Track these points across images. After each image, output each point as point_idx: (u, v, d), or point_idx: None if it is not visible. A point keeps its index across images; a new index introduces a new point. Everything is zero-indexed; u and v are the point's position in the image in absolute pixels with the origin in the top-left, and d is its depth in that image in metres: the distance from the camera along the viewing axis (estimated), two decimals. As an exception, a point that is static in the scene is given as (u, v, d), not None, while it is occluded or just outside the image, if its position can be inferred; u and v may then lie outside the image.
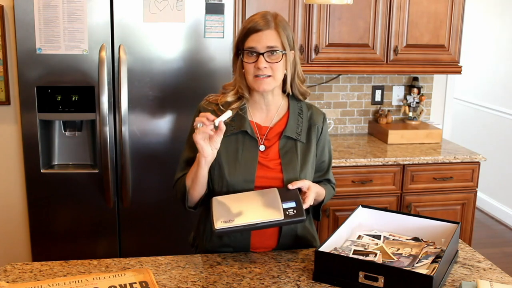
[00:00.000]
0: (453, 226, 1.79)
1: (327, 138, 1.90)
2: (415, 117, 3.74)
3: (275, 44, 1.70)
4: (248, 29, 1.71)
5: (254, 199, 1.69)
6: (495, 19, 4.89)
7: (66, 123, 2.78)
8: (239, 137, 1.79)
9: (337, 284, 1.57)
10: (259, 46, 1.69)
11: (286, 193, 1.68)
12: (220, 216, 1.63)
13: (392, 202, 3.23)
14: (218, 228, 1.59)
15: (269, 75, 1.71)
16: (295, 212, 1.61)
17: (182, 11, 2.64)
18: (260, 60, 1.69)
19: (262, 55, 1.69)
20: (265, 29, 1.69)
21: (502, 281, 1.63)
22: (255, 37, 1.69)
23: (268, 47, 1.69)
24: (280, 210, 1.61)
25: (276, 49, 1.70)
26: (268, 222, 1.61)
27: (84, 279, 1.54)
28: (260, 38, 1.69)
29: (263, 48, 1.69)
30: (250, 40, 1.70)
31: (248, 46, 1.70)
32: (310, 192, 1.70)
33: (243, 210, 1.64)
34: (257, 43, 1.69)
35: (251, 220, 1.61)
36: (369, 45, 3.33)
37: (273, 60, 1.70)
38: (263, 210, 1.63)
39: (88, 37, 2.59)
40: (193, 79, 2.72)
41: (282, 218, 1.60)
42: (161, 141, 2.75)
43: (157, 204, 2.79)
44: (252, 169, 1.76)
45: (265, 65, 1.69)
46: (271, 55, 1.70)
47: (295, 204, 1.63)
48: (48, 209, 2.75)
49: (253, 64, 1.70)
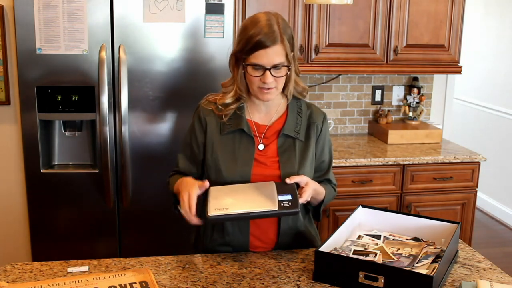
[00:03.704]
0: (453, 226, 1.79)
1: (327, 138, 1.90)
2: (415, 117, 3.74)
3: (281, 60, 1.69)
4: (255, 43, 1.67)
5: (251, 190, 1.70)
6: (495, 19, 4.89)
7: (66, 123, 2.78)
8: (236, 136, 1.79)
9: (337, 284, 1.57)
10: (266, 63, 1.68)
11: (283, 187, 1.67)
12: (215, 204, 1.62)
13: (392, 202, 3.23)
14: (211, 215, 1.59)
15: (273, 87, 1.73)
16: (290, 204, 1.60)
17: (182, 11, 2.64)
18: (267, 76, 1.69)
19: (269, 71, 1.69)
20: (272, 45, 1.67)
21: (502, 281, 1.63)
22: (262, 54, 1.67)
23: (274, 64, 1.69)
24: (275, 201, 1.61)
25: (282, 65, 1.70)
26: (261, 212, 1.60)
27: (84, 279, 1.54)
28: (267, 55, 1.67)
29: (269, 64, 1.68)
30: (257, 56, 1.67)
31: (255, 63, 1.69)
32: (308, 188, 1.70)
33: (239, 199, 1.65)
34: (264, 60, 1.67)
35: (245, 209, 1.60)
36: (369, 45, 3.33)
37: (278, 75, 1.71)
38: (258, 200, 1.63)
39: (88, 37, 2.59)
40: (193, 79, 2.72)
41: (276, 208, 1.59)
42: (161, 141, 2.75)
43: (157, 204, 2.79)
44: (248, 167, 1.76)
45: (271, 80, 1.70)
46: (276, 70, 1.70)
47: (290, 197, 1.63)
48: (48, 209, 2.75)
49: (259, 77, 1.70)
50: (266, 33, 1.66)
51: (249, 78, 1.73)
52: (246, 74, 1.73)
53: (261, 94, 1.73)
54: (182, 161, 1.89)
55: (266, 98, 1.75)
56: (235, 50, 1.75)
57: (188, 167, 1.87)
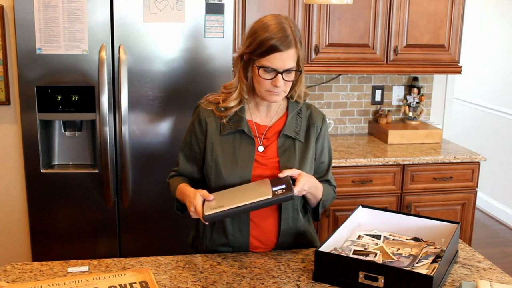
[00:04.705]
0: (453, 226, 1.79)
1: (326, 139, 1.90)
2: (415, 117, 3.74)
3: (294, 65, 1.71)
4: (270, 46, 1.66)
5: (246, 188, 1.72)
6: (495, 19, 4.89)
7: (66, 123, 2.78)
8: (236, 136, 1.79)
9: (337, 284, 1.57)
10: (279, 67, 1.68)
11: (277, 181, 1.68)
12: (210, 205, 1.64)
13: (392, 202, 3.23)
14: (207, 214, 1.61)
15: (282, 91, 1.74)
16: (283, 191, 1.61)
17: (182, 11, 2.64)
18: (279, 79, 1.69)
19: (281, 74, 1.69)
20: (286, 49, 1.67)
21: (502, 281, 1.63)
22: (277, 57, 1.67)
23: (287, 69, 1.69)
24: (269, 191, 1.62)
25: (294, 69, 1.71)
26: (256, 202, 1.60)
27: (84, 279, 1.54)
28: (281, 58, 1.67)
29: (282, 68, 1.69)
30: (271, 59, 1.67)
31: (268, 66, 1.68)
32: (301, 178, 1.69)
33: (233, 196, 1.66)
34: (278, 64, 1.68)
35: (239, 203, 1.61)
36: (369, 45, 3.33)
37: (289, 79, 1.72)
38: (252, 193, 1.64)
39: (88, 37, 2.59)
40: (193, 79, 2.72)
41: (270, 196, 1.60)
42: (161, 141, 2.76)
43: (157, 204, 2.79)
44: (248, 167, 1.76)
45: (282, 83, 1.70)
46: (287, 74, 1.71)
47: (284, 186, 1.64)
48: (48, 209, 2.75)
49: (270, 80, 1.70)
50: (281, 37, 1.67)
51: (258, 80, 1.72)
52: (255, 76, 1.73)
53: (269, 96, 1.74)
54: (182, 161, 1.89)
55: (273, 100, 1.75)
56: (244, 51, 1.74)
57: (188, 167, 1.88)
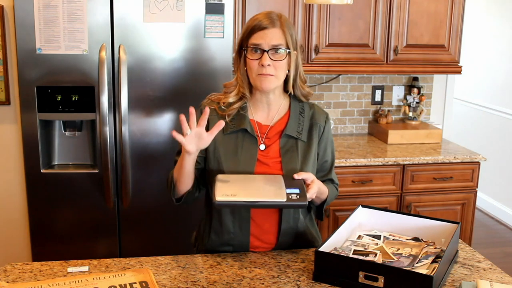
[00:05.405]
0: (453, 226, 1.79)
1: (329, 138, 1.89)
2: (415, 117, 3.74)
3: (280, 42, 1.70)
4: (253, 27, 1.71)
5: (259, 180, 1.70)
6: (495, 19, 4.88)
7: (66, 123, 2.78)
8: (238, 135, 1.79)
9: (337, 284, 1.57)
10: (264, 43, 1.69)
11: (291, 181, 1.67)
12: (222, 190, 1.61)
13: (392, 202, 3.23)
14: (218, 200, 1.57)
15: (272, 74, 1.72)
16: (298, 197, 1.60)
17: (182, 11, 2.64)
18: (265, 57, 1.69)
19: (267, 52, 1.69)
20: (271, 27, 1.70)
21: (502, 281, 1.63)
22: (260, 34, 1.70)
23: (273, 45, 1.70)
24: (283, 193, 1.60)
25: (281, 47, 1.71)
26: (270, 202, 1.59)
27: (84, 279, 1.54)
28: (265, 35, 1.69)
29: (268, 45, 1.69)
30: (255, 37, 1.70)
31: (253, 43, 1.70)
32: (314, 185, 1.70)
33: (247, 188, 1.64)
34: (262, 40, 1.69)
35: (253, 198, 1.59)
36: (369, 45, 3.33)
37: (277, 58, 1.71)
38: (266, 190, 1.63)
39: (88, 37, 2.59)
40: (193, 79, 2.72)
41: (285, 200, 1.58)
42: (161, 141, 2.75)
43: (157, 204, 2.79)
44: (250, 167, 1.76)
45: (269, 62, 1.69)
46: (275, 53, 1.70)
47: (298, 191, 1.62)
48: (48, 209, 2.75)
49: (257, 61, 1.70)
50: (265, 17, 1.71)
51: (248, 65, 1.73)
52: (247, 62, 1.74)
53: (260, 81, 1.72)
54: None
55: (265, 86, 1.73)
56: (237, 43, 1.78)
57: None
